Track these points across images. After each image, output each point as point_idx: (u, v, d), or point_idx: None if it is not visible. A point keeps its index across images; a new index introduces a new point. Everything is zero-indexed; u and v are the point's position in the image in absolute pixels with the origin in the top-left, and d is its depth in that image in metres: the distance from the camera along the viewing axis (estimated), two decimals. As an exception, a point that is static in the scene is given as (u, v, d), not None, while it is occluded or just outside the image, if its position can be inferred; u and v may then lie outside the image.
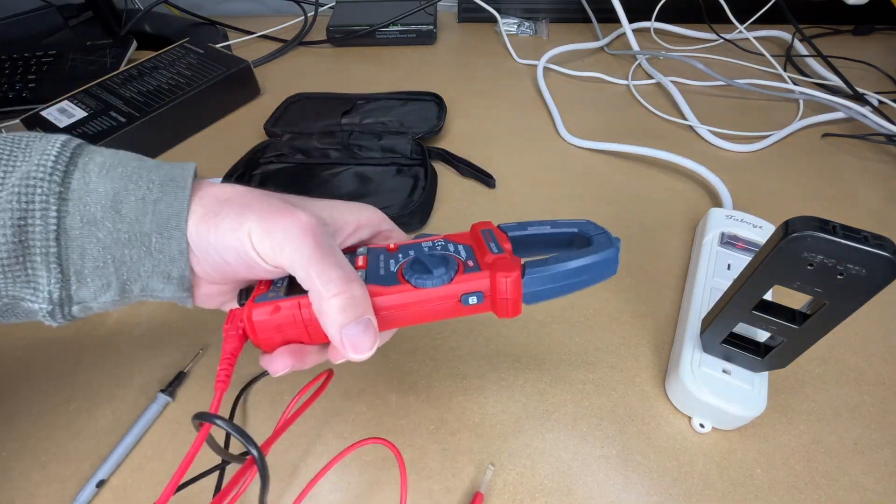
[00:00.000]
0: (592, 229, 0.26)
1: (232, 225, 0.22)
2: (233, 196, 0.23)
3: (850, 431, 0.33)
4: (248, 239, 0.22)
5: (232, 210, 0.22)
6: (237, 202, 0.23)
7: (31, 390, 0.36)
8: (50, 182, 0.20)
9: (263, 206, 0.22)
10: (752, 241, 0.40)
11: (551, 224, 0.27)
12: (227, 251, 0.22)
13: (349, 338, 0.21)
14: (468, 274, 0.23)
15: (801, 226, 0.22)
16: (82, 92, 0.58)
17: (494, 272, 0.23)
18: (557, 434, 0.34)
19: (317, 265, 0.21)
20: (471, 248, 0.25)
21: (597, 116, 0.61)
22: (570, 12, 0.78)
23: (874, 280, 0.22)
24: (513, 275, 0.22)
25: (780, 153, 0.55)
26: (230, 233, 0.22)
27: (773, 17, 0.68)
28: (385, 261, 0.25)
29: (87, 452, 0.33)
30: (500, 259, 0.23)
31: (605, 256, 0.24)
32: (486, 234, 0.25)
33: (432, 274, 0.23)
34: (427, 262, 0.23)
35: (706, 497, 0.31)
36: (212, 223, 0.22)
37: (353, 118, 0.57)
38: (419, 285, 0.23)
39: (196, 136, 0.60)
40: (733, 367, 0.33)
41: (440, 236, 0.27)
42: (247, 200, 0.23)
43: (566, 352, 0.38)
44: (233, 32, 0.78)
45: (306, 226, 0.22)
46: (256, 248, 0.22)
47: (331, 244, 0.22)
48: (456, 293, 0.23)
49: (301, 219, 0.22)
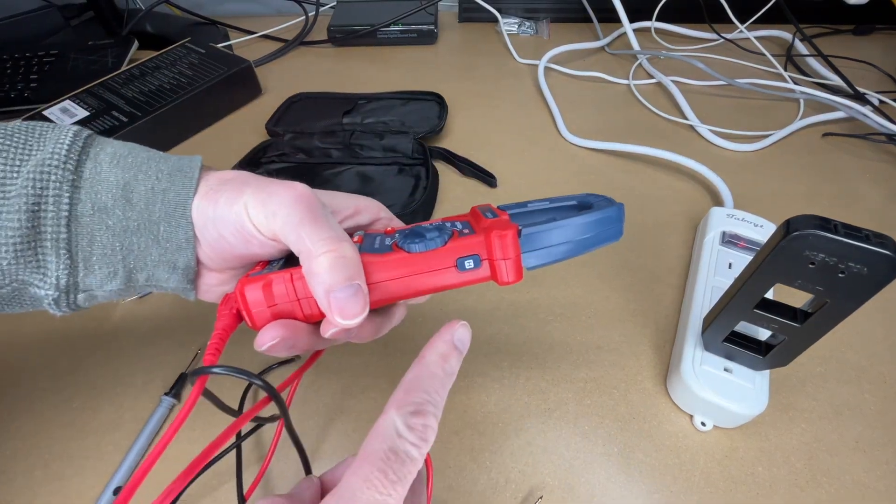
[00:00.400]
0: (593, 198, 0.26)
1: (230, 198, 0.22)
2: (235, 177, 0.24)
3: (852, 430, 0.33)
4: (244, 210, 0.22)
5: (232, 186, 0.23)
6: (238, 180, 0.23)
7: (33, 388, 0.36)
8: (63, 170, 0.21)
9: (261, 181, 0.23)
10: (753, 240, 0.40)
11: (550, 200, 0.27)
12: (225, 225, 0.22)
13: (337, 301, 0.20)
14: (463, 238, 0.22)
15: (803, 224, 0.22)
16: (84, 92, 0.58)
17: (489, 232, 0.22)
18: (559, 432, 0.34)
19: (308, 226, 0.21)
20: (468, 221, 0.25)
21: (598, 116, 0.61)
22: (571, 12, 0.78)
23: (875, 278, 0.22)
24: (509, 232, 0.21)
25: (781, 152, 0.55)
26: (227, 206, 0.22)
27: (773, 16, 0.68)
28: (381, 239, 0.25)
29: (89, 451, 0.33)
30: (496, 222, 0.23)
31: (606, 214, 0.23)
32: (482, 209, 0.25)
33: (425, 237, 0.22)
34: (420, 229, 0.23)
35: (707, 495, 0.31)
36: (211, 199, 0.23)
37: (354, 118, 0.57)
38: (411, 250, 0.22)
39: (197, 135, 0.60)
40: (735, 366, 0.33)
41: (439, 219, 0.26)
42: (247, 178, 0.23)
43: (567, 350, 0.38)
44: (234, 32, 0.79)
45: (301, 193, 0.22)
46: (252, 219, 0.22)
47: (324, 211, 0.22)
48: (451, 257, 0.22)
49: (297, 188, 0.22)
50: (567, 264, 0.44)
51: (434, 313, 0.40)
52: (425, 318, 0.40)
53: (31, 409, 0.35)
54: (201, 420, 0.33)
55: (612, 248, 0.45)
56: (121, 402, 0.35)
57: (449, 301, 0.41)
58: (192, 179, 0.23)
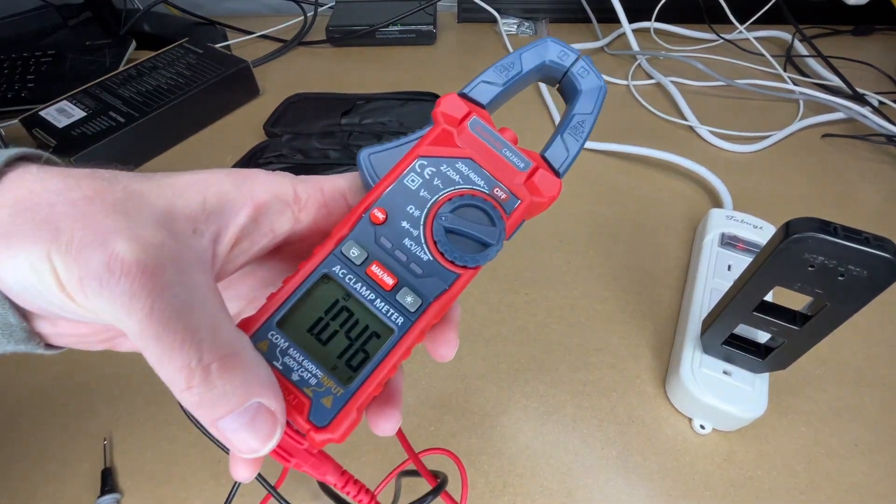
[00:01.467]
0: (560, 55, 0.20)
1: (28, 254, 0.14)
2: (40, 201, 0.15)
3: (851, 433, 0.33)
4: (53, 278, 0.14)
5: (29, 228, 0.14)
6: (42, 214, 0.14)
7: (30, 391, 0.36)
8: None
9: (79, 222, 0.14)
10: (752, 241, 0.40)
11: (512, 61, 0.20)
12: (29, 292, 0.15)
13: (229, 433, 0.14)
14: (513, 214, 0.18)
15: (803, 227, 0.22)
16: (81, 92, 0.58)
17: (535, 203, 0.19)
18: (557, 436, 0.33)
19: (154, 346, 0.14)
20: (479, 165, 0.19)
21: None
22: (570, 12, 0.78)
23: (875, 281, 0.22)
24: (553, 190, 0.18)
25: (781, 153, 0.55)
26: (28, 268, 0.14)
27: (773, 17, 0.68)
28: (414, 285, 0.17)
29: (84, 453, 0.33)
30: (537, 179, 0.19)
31: (598, 93, 0.20)
32: (482, 133, 0.19)
33: (483, 243, 0.17)
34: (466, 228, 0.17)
35: (706, 498, 0.31)
36: (2, 251, 0.14)
37: (352, 118, 0.57)
38: (479, 263, 0.17)
39: (195, 136, 0.60)
40: (734, 369, 0.33)
41: (414, 147, 0.19)
42: (59, 210, 0.14)
43: (566, 353, 0.38)
44: (232, 32, 0.78)
45: (132, 267, 0.14)
46: (70, 294, 0.14)
47: (178, 293, 0.14)
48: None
49: (120, 254, 0.14)
50: (566, 264, 0.44)
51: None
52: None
53: (27, 412, 0.35)
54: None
55: (610, 250, 0.45)
56: (117, 405, 0.35)
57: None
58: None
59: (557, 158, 0.19)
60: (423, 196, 0.18)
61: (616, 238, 0.46)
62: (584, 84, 0.20)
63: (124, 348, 0.20)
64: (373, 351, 0.16)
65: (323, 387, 0.16)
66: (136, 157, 0.56)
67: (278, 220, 0.18)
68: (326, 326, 0.17)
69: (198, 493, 0.31)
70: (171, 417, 0.34)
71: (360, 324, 0.17)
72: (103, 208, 0.15)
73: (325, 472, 0.18)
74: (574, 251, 0.45)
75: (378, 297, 0.17)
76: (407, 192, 0.18)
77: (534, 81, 0.21)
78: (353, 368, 0.16)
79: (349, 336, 0.17)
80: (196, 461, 0.32)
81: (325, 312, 0.17)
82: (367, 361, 0.16)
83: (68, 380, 0.36)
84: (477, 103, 0.19)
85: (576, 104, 0.20)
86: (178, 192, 0.16)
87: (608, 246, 0.45)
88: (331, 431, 0.16)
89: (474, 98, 0.20)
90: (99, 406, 0.35)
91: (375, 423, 0.18)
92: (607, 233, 0.47)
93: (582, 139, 0.19)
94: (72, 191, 0.15)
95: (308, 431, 0.16)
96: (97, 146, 0.51)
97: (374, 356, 0.16)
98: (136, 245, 0.14)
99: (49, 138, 0.52)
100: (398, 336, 0.17)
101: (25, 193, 0.15)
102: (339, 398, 0.16)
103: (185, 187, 0.16)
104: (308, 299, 0.17)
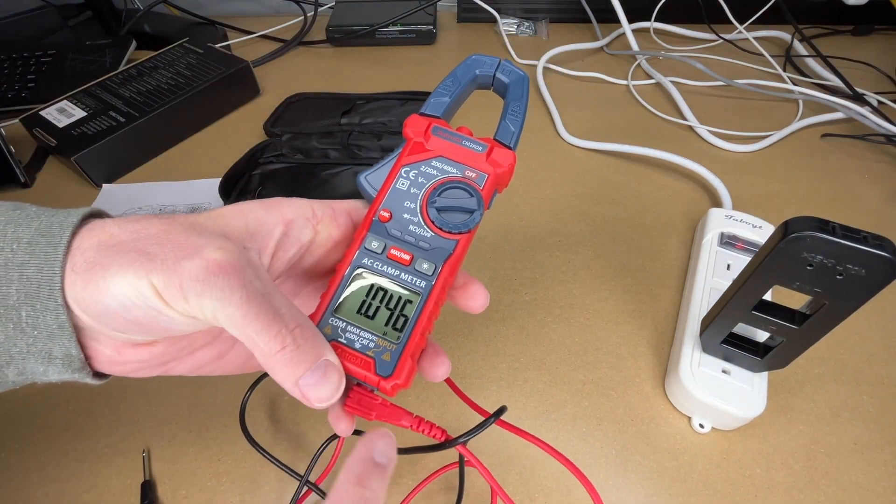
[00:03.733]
0: (484, 66, 0.26)
1: (128, 277, 0.17)
2: (122, 236, 0.18)
3: (850, 431, 0.33)
4: (152, 292, 0.17)
5: (123, 256, 0.18)
6: (127, 243, 0.18)
7: (30, 391, 0.36)
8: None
9: (164, 244, 0.18)
10: (751, 241, 0.40)
11: (452, 79, 0.26)
12: (130, 311, 0.18)
13: (308, 388, 0.18)
14: (486, 186, 0.23)
15: (801, 226, 0.22)
16: (81, 92, 0.58)
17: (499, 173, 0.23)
18: (557, 434, 0.34)
19: (254, 321, 0.18)
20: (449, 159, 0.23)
21: (596, 116, 0.61)
22: (570, 12, 0.78)
23: (874, 280, 0.22)
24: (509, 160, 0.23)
25: (780, 153, 0.55)
26: (129, 288, 0.17)
27: (772, 17, 0.68)
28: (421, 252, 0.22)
29: (85, 453, 0.33)
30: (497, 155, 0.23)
31: (522, 81, 0.25)
32: (444, 135, 0.24)
33: (465, 209, 0.22)
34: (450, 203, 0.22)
35: (706, 497, 0.31)
36: (99, 279, 0.17)
37: (352, 118, 0.57)
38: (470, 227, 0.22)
39: (195, 136, 0.60)
40: (733, 368, 0.33)
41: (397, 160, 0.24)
42: (141, 237, 0.18)
43: (565, 352, 0.38)
44: (232, 32, 0.78)
45: (225, 267, 0.18)
46: (168, 302, 0.18)
47: (258, 285, 0.18)
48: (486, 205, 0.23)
49: (216, 259, 0.18)
50: (566, 264, 0.44)
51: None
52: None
53: (27, 411, 0.35)
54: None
55: (610, 250, 0.45)
56: (117, 404, 0.35)
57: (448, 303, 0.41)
58: (57, 247, 0.18)
59: (506, 137, 0.24)
60: (413, 192, 0.23)
61: (616, 237, 0.46)
62: (510, 79, 0.25)
63: (175, 372, 0.23)
64: (409, 312, 0.21)
65: (380, 347, 0.20)
66: (137, 157, 0.56)
67: (302, 231, 0.22)
68: (370, 305, 0.21)
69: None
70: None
71: (394, 296, 0.21)
72: (179, 235, 0.19)
73: (399, 418, 0.22)
74: (574, 251, 0.45)
75: (401, 271, 0.22)
76: (401, 193, 0.23)
77: (474, 89, 0.27)
78: (398, 329, 0.21)
79: (389, 307, 0.21)
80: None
81: (366, 295, 0.21)
82: (408, 320, 0.21)
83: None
84: (434, 116, 0.25)
85: (508, 95, 0.25)
86: (225, 221, 0.20)
87: (608, 245, 0.45)
88: (396, 377, 0.20)
89: (430, 113, 0.25)
90: (101, 408, 0.35)
91: (430, 372, 0.22)
92: (607, 232, 0.47)
93: (520, 118, 0.24)
94: (146, 229, 0.19)
95: (378, 382, 0.20)
96: (97, 146, 0.51)
97: (411, 316, 0.21)
98: (224, 252, 0.18)
99: (49, 138, 0.53)
100: (425, 295, 0.21)
101: (107, 237, 0.18)
102: (394, 352, 0.20)
103: (230, 217, 0.21)
104: (351, 288, 0.21)
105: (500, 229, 0.47)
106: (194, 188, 0.52)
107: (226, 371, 0.24)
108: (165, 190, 0.52)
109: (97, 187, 0.53)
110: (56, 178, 0.54)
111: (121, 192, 0.52)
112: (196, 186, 0.52)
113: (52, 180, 0.54)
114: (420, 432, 0.22)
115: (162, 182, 0.53)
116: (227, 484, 0.32)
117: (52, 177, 0.55)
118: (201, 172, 0.54)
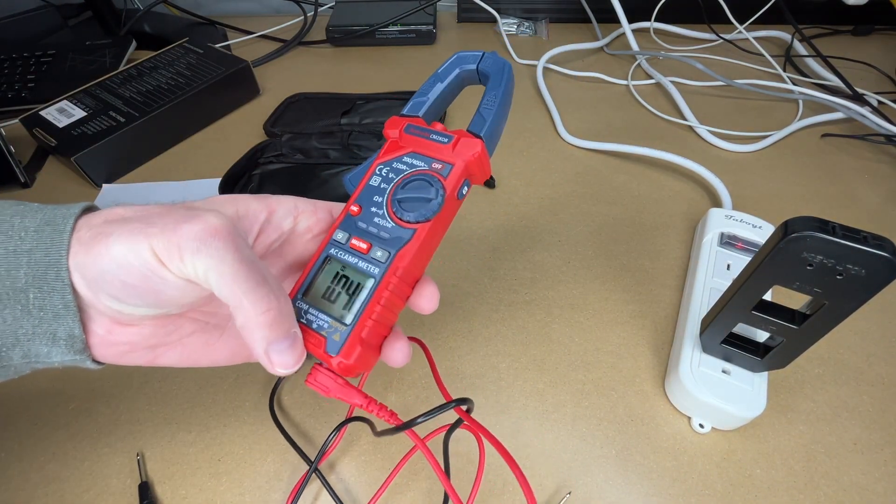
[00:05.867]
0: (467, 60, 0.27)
1: (129, 241, 0.19)
2: (127, 214, 0.21)
3: (850, 431, 0.33)
4: (151, 254, 0.19)
5: (126, 226, 0.19)
6: (133, 217, 0.20)
7: (30, 390, 0.36)
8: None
9: (165, 216, 0.20)
10: (751, 241, 0.40)
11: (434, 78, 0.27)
12: (128, 272, 0.19)
13: (277, 353, 0.20)
14: (450, 176, 0.23)
15: (801, 226, 0.22)
16: (81, 92, 0.58)
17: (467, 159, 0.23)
18: (556, 434, 0.34)
19: (243, 282, 0.19)
20: (419, 153, 0.24)
21: (596, 116, 0.61)
22: (570, 12, 0.78)
23: (873, 280, 0.22)
24: (482, 151, 0.23)
25: (780, 153, 0.55)
26: (128, 250, 0.19)
27: (772, 17, 0.68)
28: (375, 222, 0.23)
29: (85, 453, 0.33)
30: (463, 145, 0.24)
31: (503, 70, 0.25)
32: (415, 132, 0.25)
33: (425, 199, 0.23)
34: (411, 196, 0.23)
35: (705, 497, 0.31)
36: (101, 245, 0.19)
37: (352, 118, 0.57)
38: (428, 217, 0.23)
39: (195, 136, 0.60)
40: (733, 368, 0.33)
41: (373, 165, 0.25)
42: (145, 214, 0.20)
43: (565, 352, 0.38)
44: (232, 32, 0.78)
45: (221, 230, 0.19)
46: (165, 263, 0.19)
47: (248, 252, 0.20)
48: (453, 201, 0.24)
49: (213, 223, 0.19)
50: (566, 264, 0.44)
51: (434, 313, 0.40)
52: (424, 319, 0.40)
53: (27, 411, 0.35)
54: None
55: (610, 250, 0.45)
56: (117, 404, 0.35)
57: (448, 303, 0.41)
58: (62, 233, 0.20)
59: (477, 126, 0.24)
60: (383, 187, 0.24)
61: (615, 237, 0.46)
62: (492, 69, 0.25)
63: (163, 361, 0.24)
64: (361, 296, 0.22)
65: (332, 328, 0.22)
66: (137, 157, 0.56)
67: (283, 221, 0.25)
68: (332, 290, 0.23)
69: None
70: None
71: (352, 282, 0.23)
72: (179, 211, 0.20)
73: (352, 396, 0.23)
74: (573, 251, 0.45)
75: (359, 259, 0.23)
76: (372, 189, 0.24)
77: (463, 85, 0.28)
78: (350, 312, 0.22)
79: (348, 293, 0.23)
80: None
81: (331, 281, 0.23)
82: (359, 304, 0.22)
83: (67, 379, 0.37)
84: (412, 116, 0.26)
85: (489, 84, 0.25)
86: (219, 206, 0.23)
87: (607, 245, 0.45)
88: (343, 356, 0.22)
89: (409, 113, 0.26)
90: (100, 407, 0.35)
91: (390, 357, 0.23)
92: (607, 232, 0.47)
93: (495, 106, 0.24)
94: (148, 209, 0.21)
95: (328, 359, 0.22)
96: (97, 146, 0.51)
97: (362, 300, 0.22)
98: (222, 218, 0.20)
99: (49, 138, 0.53)
100: (377, 281, 0.22)
101: (114, 216, 0.21)
102: (343, 333, 0.22)
103: (223, 203, 0.23)
104: (319, 274, 0.23)
105: (500, 229, 0.47)
106: (194, 188, 0.52)
107: (214, 361, 0.25)
108: (165, 190, 0.52)
109: (97, 187, 0.53)
110: (56, 178, 0.54)
111: (121, 192, 0.52)
112: (196, 186, 0.52)
113: (52, 180, 0.54)
114: (371, 412, 0.24)
115: (162, 182, 0.53)
116: (226, 484, 0.32)
117: (52, 177, 0.55)
118: (201, 172, 0.54)
